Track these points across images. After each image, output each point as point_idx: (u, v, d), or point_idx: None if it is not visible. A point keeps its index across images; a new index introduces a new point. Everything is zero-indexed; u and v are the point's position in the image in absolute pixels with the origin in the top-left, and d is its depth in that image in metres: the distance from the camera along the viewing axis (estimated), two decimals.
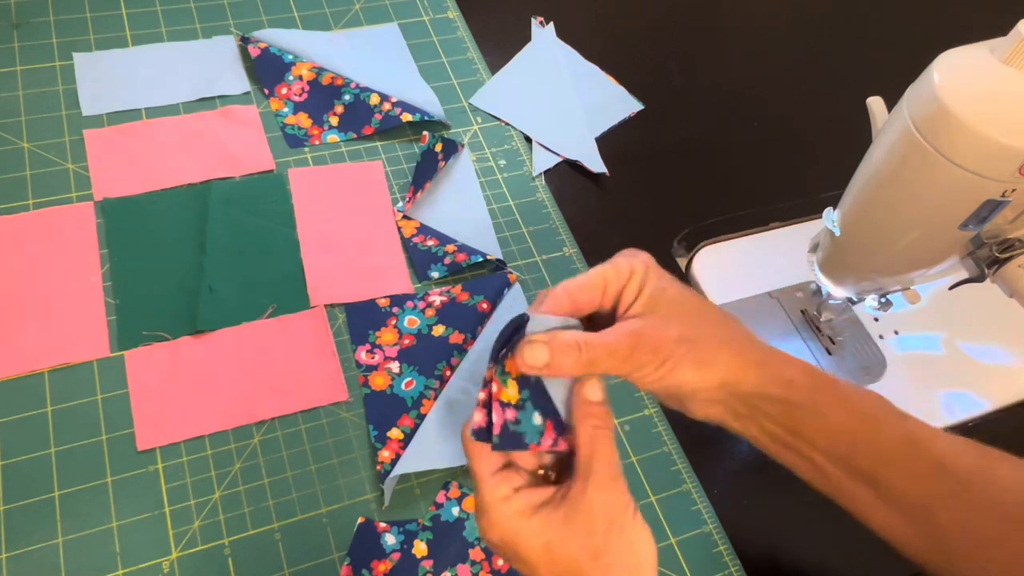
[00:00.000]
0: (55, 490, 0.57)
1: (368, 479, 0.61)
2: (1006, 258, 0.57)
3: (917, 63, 0.56)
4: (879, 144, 0.59)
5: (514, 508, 0.40)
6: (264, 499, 0.59)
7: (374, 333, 0.68)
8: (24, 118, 0.74)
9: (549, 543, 0.39)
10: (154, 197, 0.72)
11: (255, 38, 0.82)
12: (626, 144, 0.86)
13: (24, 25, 0.81)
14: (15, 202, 0.69)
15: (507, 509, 0.40)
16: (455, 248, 0.73)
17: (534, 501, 0.40)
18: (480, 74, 0.88)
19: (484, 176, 0.80)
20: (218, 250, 0.69)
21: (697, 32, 1.02)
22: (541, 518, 0.40)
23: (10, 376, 0.61)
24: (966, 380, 0.75)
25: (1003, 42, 0.51)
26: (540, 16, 0.94)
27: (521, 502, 0.40)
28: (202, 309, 0.66)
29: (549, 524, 0.39)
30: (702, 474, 0.65)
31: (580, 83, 0.89)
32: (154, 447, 0.60)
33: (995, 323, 0.79)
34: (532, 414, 0.41)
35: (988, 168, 0.51)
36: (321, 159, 0.77)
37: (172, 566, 0.56)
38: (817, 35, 1.04)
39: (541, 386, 0.42)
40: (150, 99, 0.78)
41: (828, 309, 0.76)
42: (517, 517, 0.40)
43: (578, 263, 0.76)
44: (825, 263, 0.69)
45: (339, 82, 0.80)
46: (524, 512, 0.40)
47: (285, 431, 0.62)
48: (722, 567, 0.61)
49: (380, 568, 0.57)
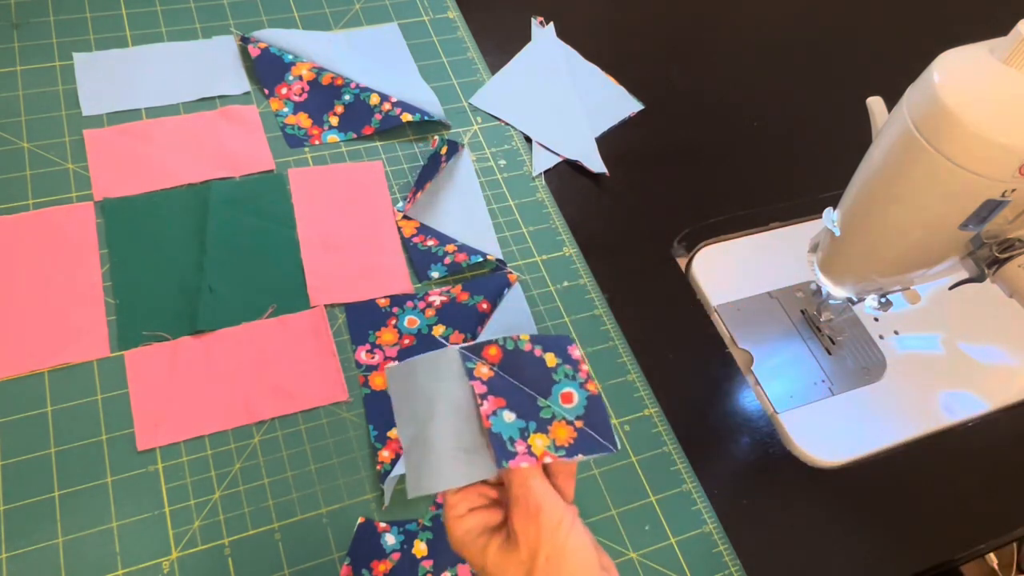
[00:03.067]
0: (55, 490, 0.57)
1: (368, 479, 0.61)
2: (1006, 258, 0.57)
3: (917, 63, 0.56)
4: (879, 144, 0.60)
5: (464, 527, 0.43)
6: (264, 499, 0.59)
7: (374, 333, 0.68)
8: (24, 118, 0.74)
9: (485, 567, 0.42)
10: (154, 197, 0.72)
11: (255, 38, 0.82)
12: (626, 144, 0.86)
13: (24, 25, 0.81)
14: (15, 202, 0.69)
15: (458, 527, 0.43)
16: (455, 248, 0.73)
17: (484, 524, 0.43)
18: (480, 74, 0.88)
19: (484, 176, 0.80)
20: (218, 250, 0.69)
21: (697, 32, 1.02)
22: (483, 541, 0.43)
23: (10, 376, 0.61)
24: (966, 380, 0.75)
25: (1003, 42, 0.51)
26: (540, 16, 0.94)
27: (471, 522, 0.43)
28: (202, 309, 0.66)
29: (488, 549, 0.42)
30: (702, 474, 0.65)
31: (580, 83, 0.89)
32: (154, 447, 0.60)
33: (995, 323, 0.79)
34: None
35: (988, 168, 0.51)
36: (321, 159, 0.77)
37: (172, 566, 0.56)
38: (817, 35, 1.04)
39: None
40: (150, 99, 0.78)
41: (828, 309, 0.76)
42: (465, 535, 0.43)
43: (578, 263, 0.76)
44: (825, 263, 0.69)
45: (339, 82, 0.80)
46: (472, 532, 0.43)
47: (285, 431, 0.62)
48: (722, 567, 0.61)
49: (380, 568, 0.57)
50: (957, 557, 0.66)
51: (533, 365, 0.49)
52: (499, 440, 0.46)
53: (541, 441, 0.46)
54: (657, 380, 0.70)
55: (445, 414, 0.49)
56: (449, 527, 0.44)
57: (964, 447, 0.71)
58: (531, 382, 0.48)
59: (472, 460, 0.47)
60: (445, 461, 0.47)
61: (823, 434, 0.70)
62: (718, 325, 0.75)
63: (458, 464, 0.47)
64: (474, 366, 0.49)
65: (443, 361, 0.49)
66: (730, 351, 0.74)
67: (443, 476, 0.47)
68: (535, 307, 0.72)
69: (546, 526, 0.41)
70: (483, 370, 0.49)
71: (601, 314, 0.73)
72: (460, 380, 0.49)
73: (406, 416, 0.51)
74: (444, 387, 0.49)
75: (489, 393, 0.48)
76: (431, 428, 0.49)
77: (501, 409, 0.47)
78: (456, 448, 0.48)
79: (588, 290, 0.74)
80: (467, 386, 0.49)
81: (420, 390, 0.50)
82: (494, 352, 0.49)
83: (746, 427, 0.69)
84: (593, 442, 0.46)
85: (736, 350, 0.74)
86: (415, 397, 0.50)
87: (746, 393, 0.71)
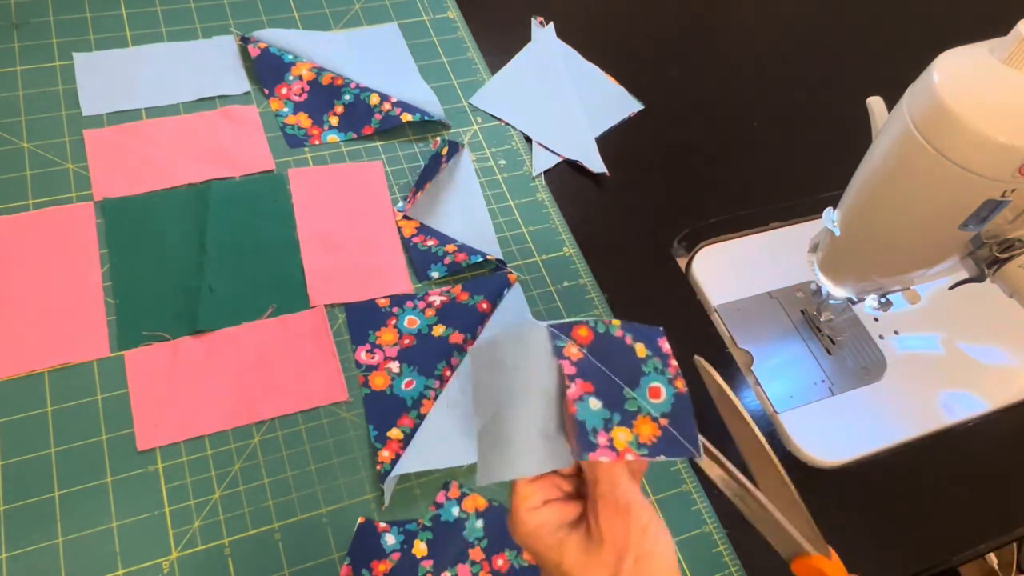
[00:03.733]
0: (55, 490, 0.57)
1: (368, 479, 0.61)
2: (1006, 258, 0.57)
3: (917, 63, 0.56)
4: (879, 144, 0.60)
5: (538, 520, 0.40)
6: (264, 499, 0.59)
7: (374, 333, 0.68)
8: (24, 118, 0.74)
9: (561, 565, 0.39)
10: (154, 197, 0.72)
11: (255, 38, 0.82)
12: (626, 144, 0.86)
13: (24, 25, 0.81)
14: (15, 202, 0.69)
15: (531, 520, 0.40)
16: (455, 248, 0.73)
17: (560, 518, 0.40)
18: (480, 74, 0.88)
19: (484, 176, 0.80)
20: (218, 250, 0.69)
21: (697, 32, 1.02)
22: (559, 538, 0.40)
23: (10, 376, 0.61)
24: (966, 380, 0.75)
25: (1003, 42, 0.51)
26: (540, 16, 0.94)
27: (547, 515, 0.40)
28: (202, 309, 0.66)
29: (566, 546, 0.40)
30: (702, 474, 0.65)
31: (580, 83, 0.89)
32: (154, 447, 0.60)
33: (995, 323, 0.79)
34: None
35: (988, 168, 0.51)
36: (321, 159, 0.77)
37: (172, 566, 0.56)
38: (817, 35, 1.04)
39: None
40: (150, 99, 0.78)
41: (828, 309, 0.76)
42: (539, 530, 0.40)
43: (578, 263, 0.76)
44: (825, 263, 0.69)
45: (339, 82, 0.80)
46: (545, 526, 0.40)
47: (285, 431, 0.62)
48: (722, 567, 0.61)
49: (380, 568, 0.57)
50: (957, 557, 0.66)
51: (623, 353, 0.46)
52: (583, 429, 0.42)
53: (624, 435, 0.43)
54: None
55: (525, 394, 0.45)
56: (519, 519, 0.40)
57: (964, 447, 0.71)
58: (619, 370, 0.45)
59: (550, 447, 0.43)
60: (521, 446, 0.44)
61: (823, 434, 0.70)
62: (718, 325, 0.75)
63: (536, 450, 0.44)
64: (564, 345, 0.46)
65: (531, 336, 0.46)
66: (730, 351, 0.74)
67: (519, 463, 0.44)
68: (535, 307, 0.72)
69: (635, 527, 0.39)
70: (572, 350, 0.46)
71: (601, 314, 0.73)
72: (547, 358, 0.46)
73: (484, 398, 0.47)
74: (528, 364, 0.46)
75: (577, 376, 0.45)
76: (509, 410, 0.45)
77: (588, 395, 0.44)
78: (535, 433, 0.44)
79: (588, 290, 0.74)
80: (554, 365, 0.46)
81: (501, 367, 0.47)
82: (584, 333, 0.46)
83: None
84: (676, 444, 0.43)
85: (736, 350, 0.74)
86: (495, 376, 0.47)
87: (746, 393, 0.71)
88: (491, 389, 0.47)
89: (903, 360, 0.75)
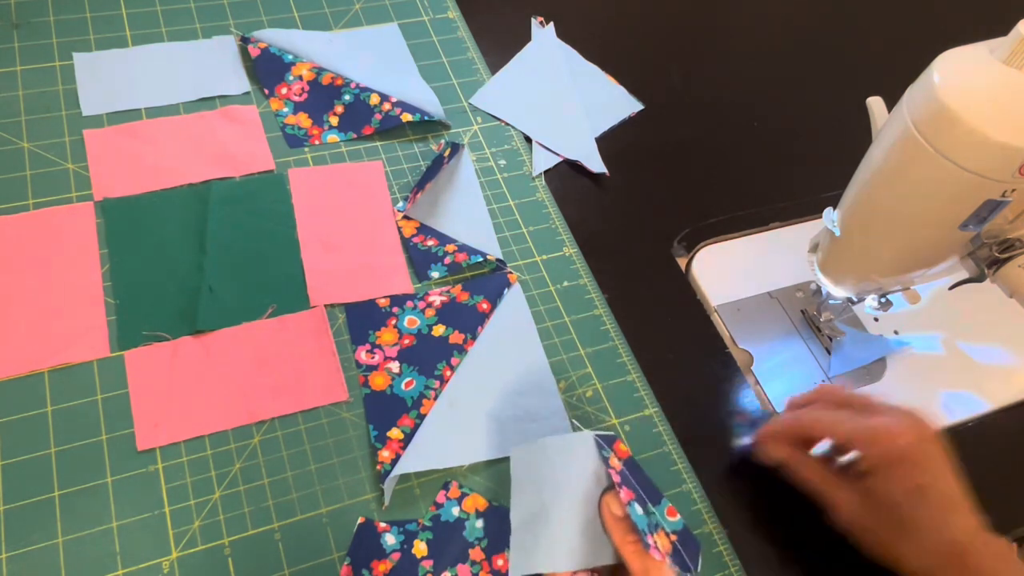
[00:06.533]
0: (55, 490, 0.57)
1: (368, 479, 0.61)
2: (1006, 258, 0.57)
3: (917, 63, 0.56)
4: (879, 144, 0.60)
5: None
6: (264, 499, 0.59)
7: (374, 333, 0.68)
8: (24, 118, 0.74)
9: None
10: (154, 197, 0.72)
11: (255, 38, 0.82)
12: (626, 144, 0.86)
13: (24, 25, 0.81)
14: (15, 202, 0.69)
15: None
16: (455, 248, 0.73)
17: None
18: (480, 74, 0.88)
19: (484, 176, 0.80)
20: (218, 250, 0.69)
21: (697, 32, 1.02)
22: None
23: (10, 376, 0.61)
24: (966, 380, 0.75)
25: (1003, 42, 0.51)
26: (540, 16, 0.94)
27: None
28: (202, 309, 0.66)
29: None
30: (702, 474, 0.65)
31: (580, 83, 0.89)
32: (154, 447, 0.60)
33: (995, 323, 0.79)
34: None
35: (988, 168, 0.51)
36: (321, 159, 0.77)
37: (172, 566, 0.56)
38: (817, 35, 1.04)
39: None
40: (150, 99, 0.78)
41: (828, 309, 0.76)
42: None
43: (578, 263, 0.76)
44: (825, 263, 0.69)
45: (339, 82, 0.80)
46: None
47: (285, 431, 0.62)
48: (722, 567, 0.61)
49: (380, 568, 0.57)
50: None
51: (645, 477, 0.53)
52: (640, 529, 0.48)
53: (661, 541, 0.49)
54: (657, 380, 0.70)
55: (573, 495, 0.51)
56: None
57: (964, 447, 0.71)
58: (645, 487, 0.52)
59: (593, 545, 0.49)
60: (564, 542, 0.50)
61: None
62: (718, 325, 0.75)
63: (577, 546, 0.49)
64: (608, 455, 0.52)
65: (578, 444, 0.52)
66: (730, 351, 0.74)
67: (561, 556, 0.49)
68: (535, 307, 0.72)
69: None
70: (615, 461, 0.52)
71: (601, 314, 0.73)
72: (594, 464, 0.51)
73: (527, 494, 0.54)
74: (575, 469, 0.51)
75: (622, 484, 0.50)
76: (555, 508, 0.51)
77: (632, 501, 0.50)
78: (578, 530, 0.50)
79: (588, 290, 0.74)
80: (602, 472, 0.52)
81: (548, 468, 0.52)
82: (623, 448, 0.53)
83: (747, 427, 0.69)
84: (681, 560, 0.50)
85: (736, 350, 0.74)
86: (541, 475, 0.53)
87: (746, 393, 0.71)
88: (534, 487, 0.53)
89: (903, 360, 0.75)
